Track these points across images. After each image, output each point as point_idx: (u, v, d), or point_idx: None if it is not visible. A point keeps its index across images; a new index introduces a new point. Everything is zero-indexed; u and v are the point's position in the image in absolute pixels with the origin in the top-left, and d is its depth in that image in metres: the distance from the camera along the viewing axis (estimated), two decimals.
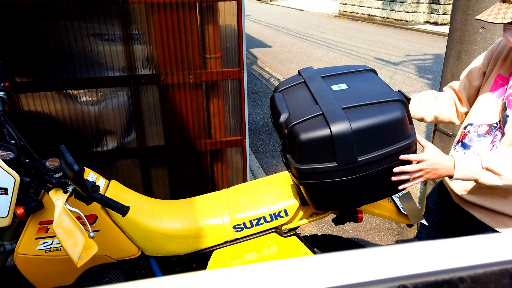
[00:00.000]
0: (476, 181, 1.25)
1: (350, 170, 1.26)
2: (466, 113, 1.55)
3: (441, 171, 1.26)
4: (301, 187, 1.41)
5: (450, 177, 1.27)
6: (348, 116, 1.22)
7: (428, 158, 1.25)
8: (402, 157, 1.26)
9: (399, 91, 1.38)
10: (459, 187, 1.47)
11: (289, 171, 1.42)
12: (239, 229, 1.60)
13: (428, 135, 3.56)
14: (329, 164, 1.25)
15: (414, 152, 1.31)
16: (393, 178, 1.28)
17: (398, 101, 1.27)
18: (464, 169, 1.24)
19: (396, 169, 1.27)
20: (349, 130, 1.20)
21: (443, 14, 13.37)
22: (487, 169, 1.21)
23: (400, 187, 1.31)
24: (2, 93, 1.63)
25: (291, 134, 1.28)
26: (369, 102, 1.27)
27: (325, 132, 1.22)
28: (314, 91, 1.37)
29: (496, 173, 1.21)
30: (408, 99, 1.35)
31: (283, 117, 1.34)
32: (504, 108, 1.33)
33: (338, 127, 1.21)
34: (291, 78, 1.56)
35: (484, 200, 1.39)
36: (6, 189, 1.29)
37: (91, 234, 1.32)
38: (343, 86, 1.39)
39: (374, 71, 1.51)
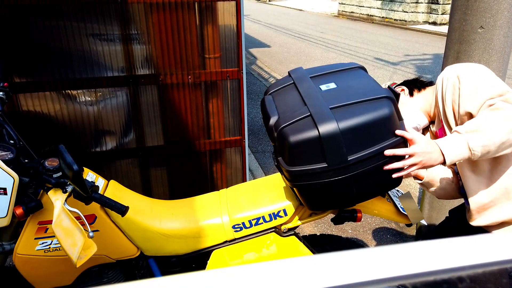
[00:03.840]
0: (470, 154, 1.22)
1: (341, 170, 1.25)
2: None
3: (432, 160, 1.24)
4: (295, 189, 1.41)
5: (444, 163, 1.25)
6: (336, 116, 1.21)
7: (418, 152, 1.23)
8: (387, 152, 1.23)
9: (388, 87, 1.37)
10: (472, 216, 1.48)
11: (281, 174, 1.42)
12: (238, 229, 1.60)
13: None
14: (320, 165, 1.25)
15: (405, 147, 1.29)
16: (386, 167, 1.26)
17: (386, 97, 1.25)
18: (451, 150, 1.22)
19: (388, 167, 1.26)
20: (336, 130, 1.19)
21: (442, 14, 13.38)
22: (466, 132, 1.21)
23: (394, 175, 1.28)
24: (1, 93, 1.63)
25: (281, 136, 1.28)
26: (357, 100, 1.26)
27: (313, 133, 1.21)
28: (303, 92, 1.36)
29: (476, 130, 1.20)
30: (397, 95, 1.35)
31: (272, 120, 1.34)
32: None
33: (325, 128, 1.20)
34: (281, 79, 1.55)
35: (497, 214, 1.41)
36: (5, 189, 1.29)
37: (90, 234, 1.31)
38: (332, 85, 1.37)
39: (364, 68, 1.50)
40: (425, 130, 1.62)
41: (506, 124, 1.19)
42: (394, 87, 1.62)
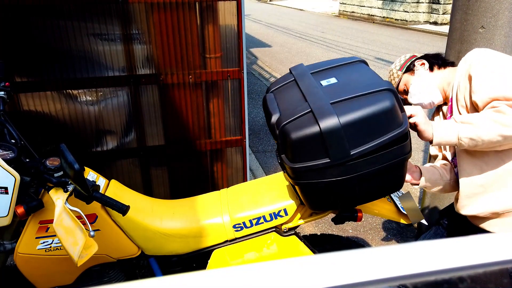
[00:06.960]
0: (457, 141, 1.30)
1: (344, 166, 1.25)
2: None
3: (426, 132, 1.35)
4: (297, 187, 1.41)
5: (430, 141, 1.34)
6: (336, 110, 1.21)
7: (419, 113, 1.36)
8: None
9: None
10: (463, 206, 1.49)
11: (284, 172, 1.42)
12: (239, 229, 1.60)
13: None
14: (322, 160, 1.25)
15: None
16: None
17: (387, 90, 1.25)
18: (442, 132, 1.32)
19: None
20: (337, 125, 1.19)
21: (443, 13, 13.36)
22: (462, 122, 1.30)
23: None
24: (2, 92, 1.63)
25: (283, 134, 1.28)
26: (357, 94, 1.25)
27: (314, 129, 1.21)
28: (304, 89, 1.36)
29: (469, 123, 1.28)
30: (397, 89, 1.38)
31: (274, 118, 1.34)
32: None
33: (326, 123, 1.20)
34: (283, 77, 1.55)
35: (487, 205, 1.41)
36: (6, 188, 1.29)
37: (91, 233, 1.32)
38: (333, 80, 1.37)
39: (365, 62, 1.49)
40: (437, 109, 1.65)
41: (499, 128, 1.23)
42: (415, 60, 1.64)
